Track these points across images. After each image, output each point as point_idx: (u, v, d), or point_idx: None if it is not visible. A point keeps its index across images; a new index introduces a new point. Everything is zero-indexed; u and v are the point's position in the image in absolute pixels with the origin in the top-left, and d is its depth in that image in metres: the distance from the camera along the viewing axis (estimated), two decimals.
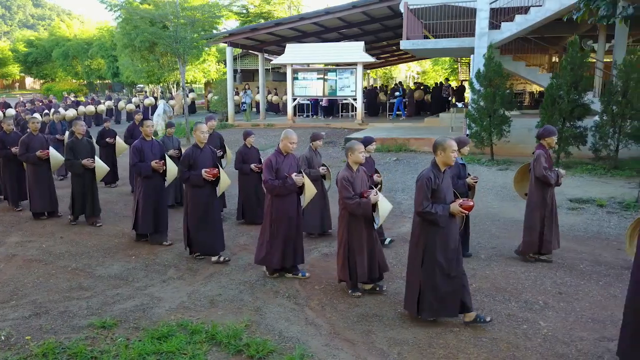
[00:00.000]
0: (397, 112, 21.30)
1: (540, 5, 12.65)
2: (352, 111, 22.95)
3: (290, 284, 5.43)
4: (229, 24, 31.02)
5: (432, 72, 42.78)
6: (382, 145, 14.03)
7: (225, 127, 18.74)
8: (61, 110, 15.86)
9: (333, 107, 21.96)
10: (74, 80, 47.99)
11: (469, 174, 6.15)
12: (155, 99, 23.03)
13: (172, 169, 6.77)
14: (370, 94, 23.72)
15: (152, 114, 19.70)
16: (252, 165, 7.77)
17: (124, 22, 23.14)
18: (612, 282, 5.41)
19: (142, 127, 6.92)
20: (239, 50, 23.21)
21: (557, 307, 4.85)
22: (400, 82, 27.57)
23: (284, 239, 5.42)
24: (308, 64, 18.03)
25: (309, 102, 21.66)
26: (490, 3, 13.14)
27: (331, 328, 4.49)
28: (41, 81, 52.27)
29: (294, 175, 5.38)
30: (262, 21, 23.94)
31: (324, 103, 21.09)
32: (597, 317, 4.64)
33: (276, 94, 22.80)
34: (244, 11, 27.80)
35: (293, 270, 5.61)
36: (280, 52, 20.24)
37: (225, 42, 18.93)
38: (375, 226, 5.00)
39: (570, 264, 5.94)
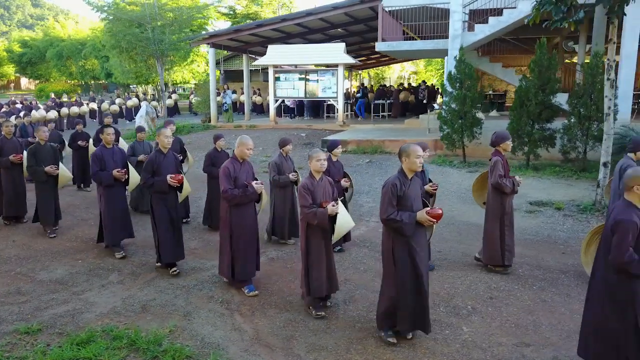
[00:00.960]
0: (381, 113, 21.31)
1: (514, 7, 12.66)
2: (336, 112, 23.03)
3: (227, 289, 5.47)
4: (219, 24, 31.00)
5: (423, 73, 42.78)
6: (357, 147, 14.08)
7: (208, 128, 18.79)
8: (35, 112, 15.85)
9: (319, 108, 21.98)
10: (68, 81, 47.98)
11: (430, 180, 6.01)
12: (139, 100, 23.04)
13: (134, 177, 6.56)
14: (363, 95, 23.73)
15: (136, 115, 19.70)
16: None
17: (110, 23, 23.21)
18: (546, 287, 5.44)
19: (102, 134, 6.62)
20: (224, 52, 23.23)
21: (485, 312, 4.88)
22: (362, 84, 27.58)
23: (247, 251, 5.29)
24: (289, 65, 18.02)
25: (295, 103, 21.69)
26: (465, 6, 13.15)
27: (255, 333, 4.53)
28: (36, 81, 52.35)
29: (254, 183, 5.22)
30: (249, 22, 23.91)
31: (305, 104, 21.12)
32: (521, 323, 4.67)
33: (259, 95, 22.82)
34: (231, 12, 27.81)
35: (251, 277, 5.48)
36: (265, 53, 20.27)
37: (208, 44, 18.94)
38: (332, 240, 4.75)
39: (510, 268, 5.96)
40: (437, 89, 25.91)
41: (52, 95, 24.31)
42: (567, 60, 20.79)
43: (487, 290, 5.36)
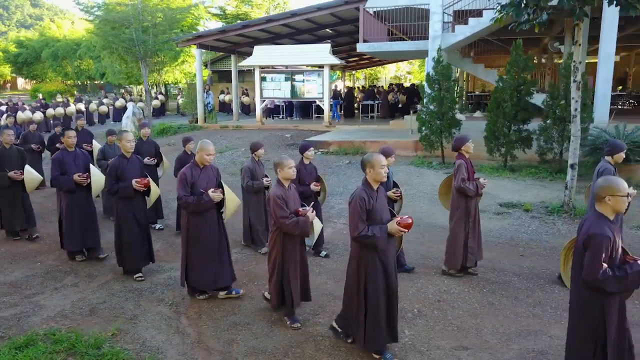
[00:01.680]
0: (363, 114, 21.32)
1: (493, 9, 12.63)
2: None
3: (178, 292, 5.48)
4: (211, 25, 31.02)
5: (417, 73, 42.78)
6: (339, 148, 14.09)
7: (195, 129, 18.79)
8: (20, 113, 15.87)
9: (309, 109, 21.99)
10: (64, 81, 48.04)
11: (395, 184, 5.96)
12: (126, 100, 23.07)
13: (98, 181, 6.37)
14: (348, 95, 23.76)
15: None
16: None
17: (101, 23, 23.25)
18: (496, 290, 5.45)
19: (64, 137, 6.43)
20: (214, 53, 23.25)
21: (430, 315, 4.90)
22: (336, 86, 27.64)
23: (205, 260, 5.10)
24: (278, 66, 18.03)
25: (283, 103, 21.70)
26: (445, 7, 13.15)
27: (197, 337, 4.55)
28: (33, 82, 52.42)
29: (210, 191, 5.02)
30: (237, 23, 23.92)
31: (295, 104, 21.14)
32: (463, 326, 4.69)
33: (247, 95, 22.84)
34: (222, 13, 27.83)
35: (227, 289, 5.33)
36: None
37: (195, 44, 18.95)
38: (310, 245, 4.76)
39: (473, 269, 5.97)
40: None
41: (40, 96, 24.33)
42: (557, 61, 20.81)
43: (437, 294, 5.38)
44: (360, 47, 13.77)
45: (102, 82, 43.97)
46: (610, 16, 11.49)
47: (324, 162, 13.00)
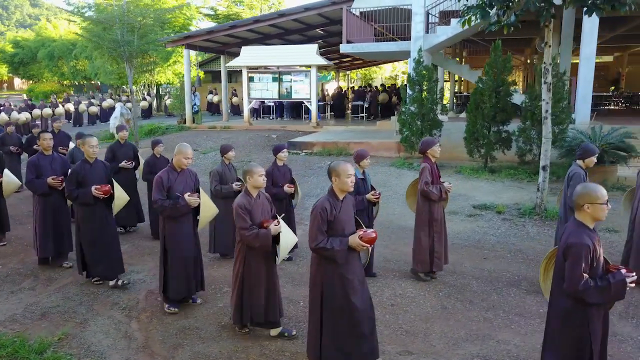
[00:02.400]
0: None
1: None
2: (322, 113, 23.02)
3: (134, 295, 5.47)
4: (203, 25, 31.01)
5: None
6: (323, 148, 14.07)
7: (183, 130, 18.81)
8: (3, 115, 15.85)
9: (300, 109, 21.99)
10: (60, 81, 48.08)
11: (372, 187, 5.89)
12: (114, 100, 23.08)
13: (118, 197, 5.93)
14: (338, 96, 23.75)
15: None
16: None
17: (91, 24, 23.22)
18: (452, 294, 5.42)
19: (40, 140, 6.32)
20: (205, 54, 23.23)
21: (381, 319, 4.87)
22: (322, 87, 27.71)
23: (182, 267, 4.97)
24: (263, 67, 18.01)
25: (273, 103, 21.69)
26: (429, 7, 13.12)
27: (144, 341, 4.54)
28: (30, 82, 52.47)
29: (186, 195, 4.87)
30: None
31: (285, 105, 21.12)
32: (413, 330, 4.67)
33: (236, 95, 22.84)
34: (213, 13, 27.83)
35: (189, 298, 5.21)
36: None
37: (183, 45, 18.95)
38: (277, 261, 4.40)
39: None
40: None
41: (25, 97, 24.34)
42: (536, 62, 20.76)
43: (392, 297, 5.35)
44: (344, 47, 13.75)
45: (98, 82, 44.04)
46: (591, 18, 11.42)
47: (306, 162, 12.99)
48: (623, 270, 3.07)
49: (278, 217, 4.38)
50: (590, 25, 11.52)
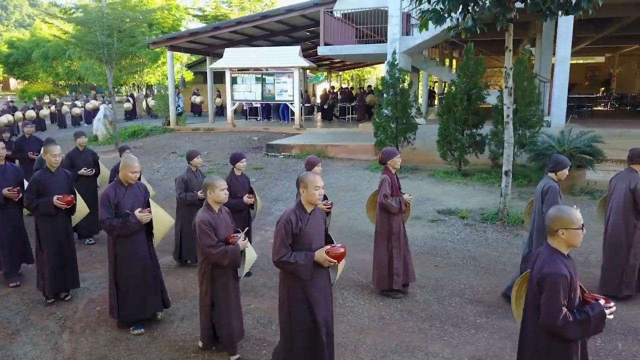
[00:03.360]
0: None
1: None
2: (308, 114, 23.00)
3: (74, 305, 5.43)
4: (192, 26, 30.98)
5: None
6: (301, 151, 13.99)
7: (166, 131, 18.76)
8: None
9: (287, 111, 21.94)
10: (55, 82, 48.10)
11: (325, 197, 5.69)
12: (98, 102, 23.06)
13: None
14: (325, 98, 23.69)
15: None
16: None
17: (77, 27, 23.26)
18: (392, 303, 5.36)
19: None
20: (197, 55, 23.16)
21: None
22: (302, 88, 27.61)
23: (137, 287, 4.71)
24: (246, 68, 17.95)
25: (260, 105, 21.64)
26: (407, 9, 13.05)
27: (72, 353, 4.49)
28: (25, 82, 52.50)
29: (137, 211, 4.58)
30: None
31: (272, 106, 21.08)
32: (344, 342, 4.60)
33: (219, 97, 22.80)
34: (201, 14, 27.80)
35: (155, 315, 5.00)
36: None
37: (167, 46, 18.91)
38: (239, 277, 4.21)
39: (368, 282, 5.88)
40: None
41: (8, 99, 24.32)
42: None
43: None
44: (321, 50, 13.70)
45: (94, 83, 44.00)
46: (566, 20, 11.38)
47: (282, 165, 12.93)
48: (602, 301, 2.87)
49: (241, 231, 4.18)
50: (565, 27, 11.46)
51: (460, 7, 6.87)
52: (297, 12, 16.97)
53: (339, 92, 24.95)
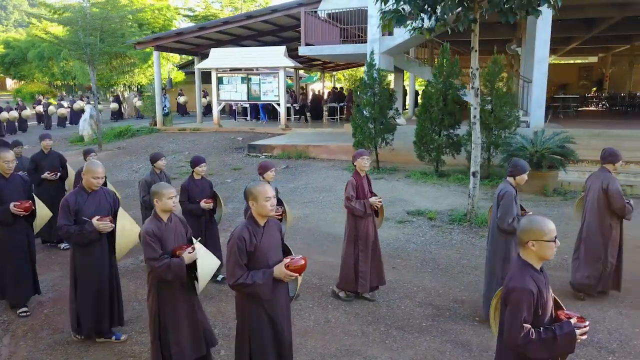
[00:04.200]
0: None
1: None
2: (295, 114, 22.95)
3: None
4: (184, 26, 30.98)
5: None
6: (282, 152, 13.98)
7: (153, 132, 18.73)
8: None
9: (276, 111, 21.90)
10: (50, 82, 48.11)
11: (279, 201, 5.41)
12: (84, 102, 23.04)
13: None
14: (315, 99, 23.73)
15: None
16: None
17: (62, 24, 23.22)
18: (340, 306, 5.32)
19: None
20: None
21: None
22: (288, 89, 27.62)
23: (94, 298, 4.49)
24: (232, 69, 17.92)
25: (248, 105, 21.62)
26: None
27: (8, 357, 4.45)
28: (21, 82, 52.52)
29: (94, 219, 4.33)
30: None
31: (261, 106, 21.06)
32: None
33: (205, 97, 22.81)
34: (191, 14, 27.79)
35: (107, 333, 4.67)
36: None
37: (153, 46, 18.88)
38: (197, 291, 3.85)
39: (320, 284, 5.84)
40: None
41: None
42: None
43: None
44: (302, 50, 13.67)
45: (83, 83, 43.99)
46: (544, 19, 11.30)
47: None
48: (573, 320, 2.67)
49: (195, 240, 3.86)
50: (543, 28, 11.40)
51: (422, 7, 6.82)
52: (281, 13, 16.96)
53: (329, 93, 24.92)
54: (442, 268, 6.34)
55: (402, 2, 6.75)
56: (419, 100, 22.07)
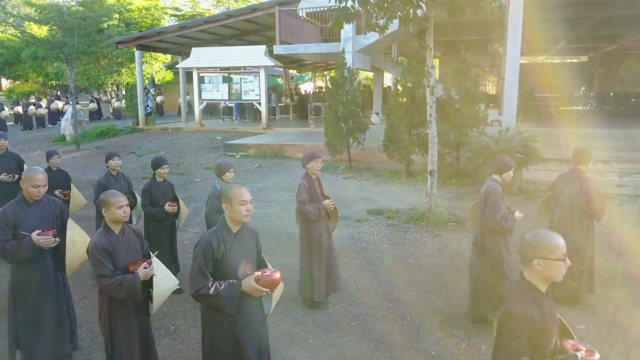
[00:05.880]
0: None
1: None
2: (282, 114, 22.95)
3: None
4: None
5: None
6: (258, 151, 13.95)
7: (135, 131, 18.70)
8: None
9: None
10: (45, 82, 48.07)
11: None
12: (64, 103, 23.04)
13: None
14: (301, 99, 23.74)
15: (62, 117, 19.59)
16: (57, 192, 6.16)
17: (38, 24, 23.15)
18: (279, 303, 5.24)
19: None
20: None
21: (186, 333, 4.74)
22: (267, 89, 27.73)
23: (37, 325, 4.00)
24: (213, 68, 17.89)
25: (234, 105, 21.61)
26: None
27: None
28: (16, 82, 52.52)
29: (34, 233, 3.84)
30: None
31: (246, 106, 21.08)
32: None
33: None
34: (179, 13, 27.77)
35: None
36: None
37: (134, 46, 18.86)
38: (151, 311, 3.55)
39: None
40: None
41: None
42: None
43: None
44: (277, 49, 13.65)
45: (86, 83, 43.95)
46: (515, 18, 11.28)
47: (236, 165, 12.61)
48: (581, 353, 2.32)
49: (152, 254, 3.54)
50: (514, 27, 11.35)
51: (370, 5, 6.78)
52: (262, 12, 16.91)
53: (313, 92, 24.92)
54: (387, 267, 6.30)
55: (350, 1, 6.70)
56: None
